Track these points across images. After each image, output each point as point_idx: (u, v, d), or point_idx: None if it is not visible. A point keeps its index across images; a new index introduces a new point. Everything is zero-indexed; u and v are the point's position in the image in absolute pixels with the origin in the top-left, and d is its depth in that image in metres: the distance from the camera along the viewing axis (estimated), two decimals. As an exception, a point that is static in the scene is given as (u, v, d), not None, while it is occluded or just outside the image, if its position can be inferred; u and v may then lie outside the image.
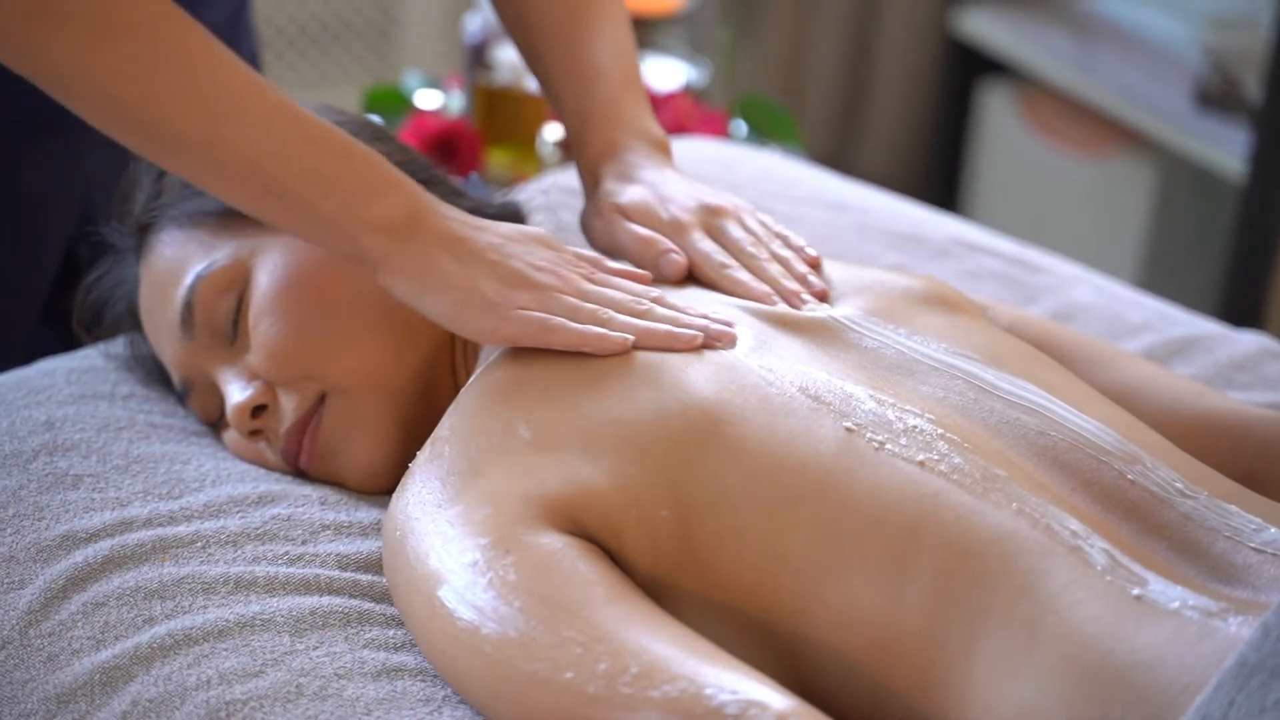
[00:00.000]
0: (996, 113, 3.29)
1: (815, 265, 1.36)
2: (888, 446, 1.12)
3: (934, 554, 1.07)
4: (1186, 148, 2.90)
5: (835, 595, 1.08)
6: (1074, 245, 3.14)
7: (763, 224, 1.39)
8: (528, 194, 1.66)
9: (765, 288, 1.30)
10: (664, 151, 1.43)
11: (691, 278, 1.34)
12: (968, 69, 3.37)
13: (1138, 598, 1.03)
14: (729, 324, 1.23)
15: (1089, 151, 3.11)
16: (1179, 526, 1.11)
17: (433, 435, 1.20)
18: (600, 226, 1.39)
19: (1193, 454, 1.25)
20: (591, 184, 1.43)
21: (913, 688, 1.06)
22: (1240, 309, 2.76)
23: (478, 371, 1.25)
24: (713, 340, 1.21)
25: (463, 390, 1.23)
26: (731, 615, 1.11)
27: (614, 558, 1.13)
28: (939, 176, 3.50)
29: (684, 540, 1.12)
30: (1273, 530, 1.11)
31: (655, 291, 1.26)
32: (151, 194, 1.39)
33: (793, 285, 1.30)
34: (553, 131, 2.27)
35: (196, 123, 1.18)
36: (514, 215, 1.48)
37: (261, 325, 1.32)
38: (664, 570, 1.12)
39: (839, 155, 3.68)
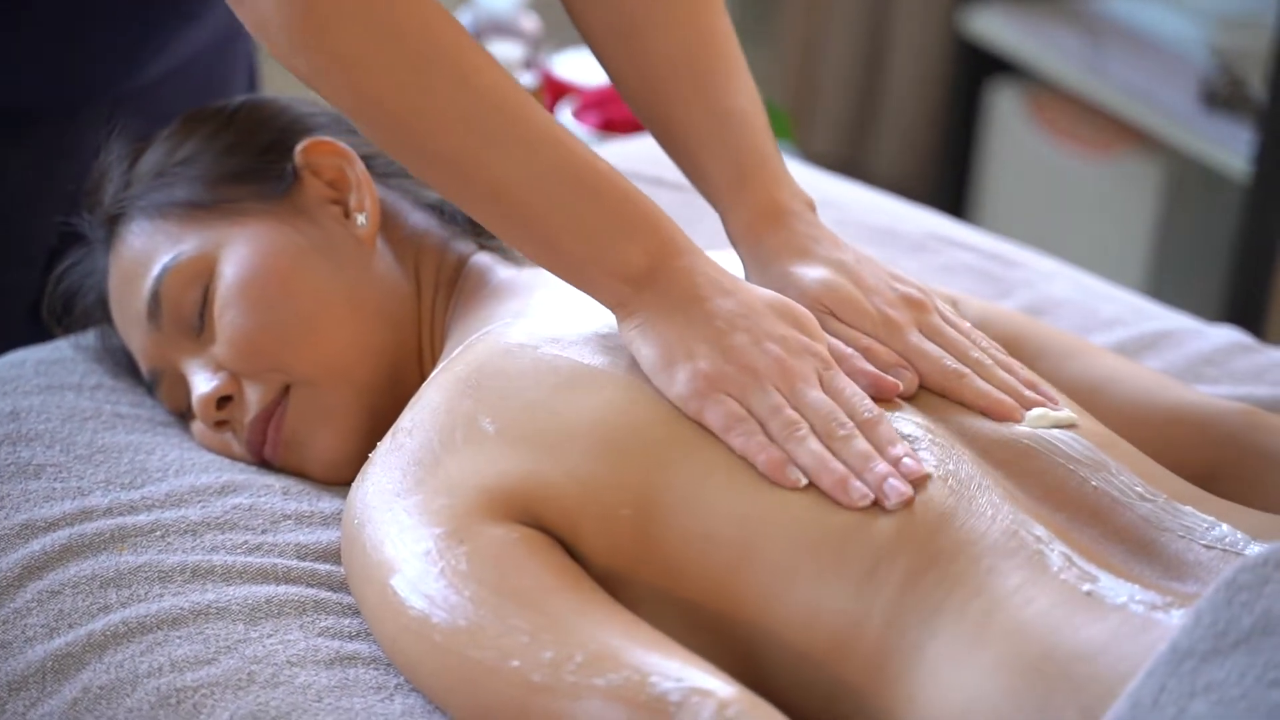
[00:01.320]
0: (1005, 113, 3.28)
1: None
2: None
3: (910, 557, 1.07)
4: (1193, 147, 2.89)
5: (804, 596, 1.09)
6: (1082, 244, 3.14)
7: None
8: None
9: (1008, 400, 1.20)
10: (814, 211, 1.31)
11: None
12: (977, 69, 3.36)
13: (1087, 593, 1.03)
14: (923, 475, 1.11)
15: (1097, 151, 3.10)
16: (1137, 529, 1.12)
17: (394, 426, 1.21)
18: None
19: (1158, 445, 1.26)
20: (752, 247, 1.28)
21: (867, 682, 1.07)
22: (1246, 307, 2.76)
23: (442, 363, 1.25)
24: (883, 498, 1.09)
25: (426, 381, 1.23)
26: (690, 610, 1.11)
27: (570, 550, 1.13)
28: (949, 177, 3.49)
29: (645, 538, 1.12)
30: (1224, 527, 1.11)
31: (874, 411, 1.14)
32: (120, 185, 1.40)
33: (1033, 396, 1.21)
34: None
35: (451, 136, 1.15)
36: None
37: (226, 317, 1.32)
38: (621, 564, 1.12)
39: (852, 158, 3.68)
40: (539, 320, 1.24)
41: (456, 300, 1.37)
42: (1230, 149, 2.82)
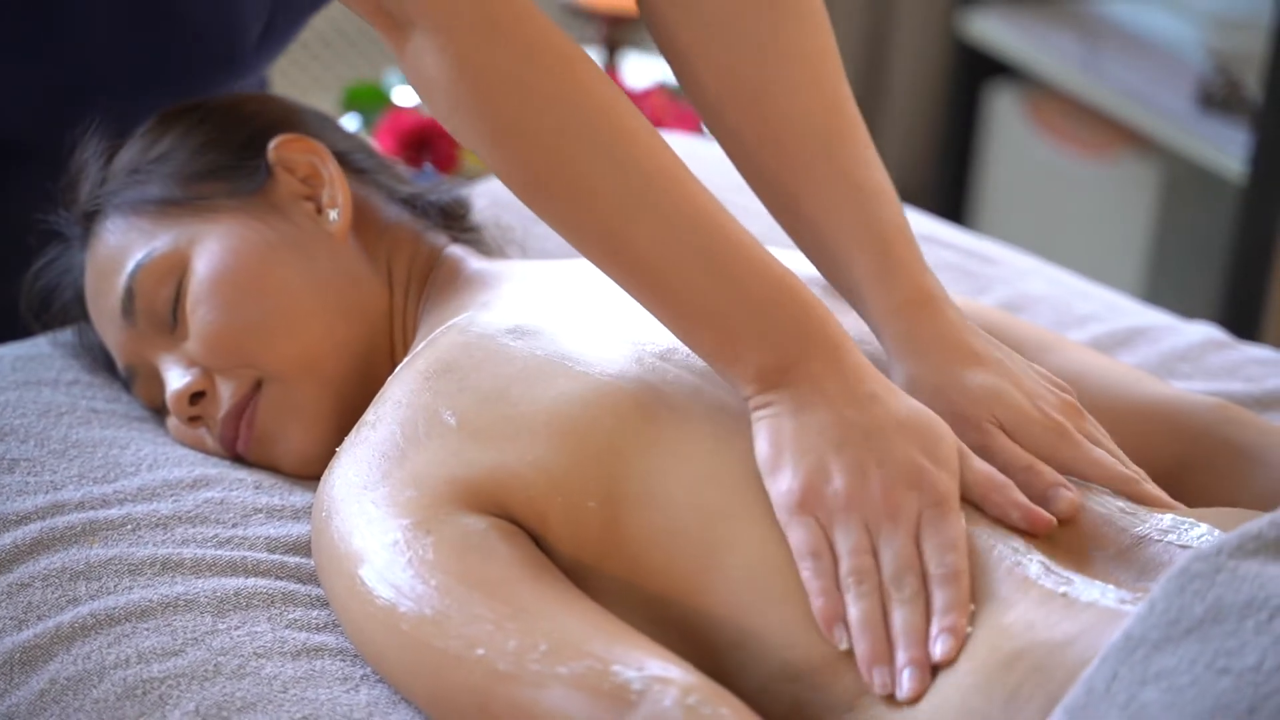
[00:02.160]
0: (1004, 115, 3.28)
1: None
2: None
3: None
4: (1190, 149, 2.89)
5: (778, 612, 1.09)
6: (1080, 245, 3.14)
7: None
8: (485, 189, 1.67)
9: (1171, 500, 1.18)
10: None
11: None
12: (976, 72, 3.36)
13: (1063, 595, 1.04)
14: (959, 645, 1.06)
15: (1094, 153, 3.10)
16: (1116, 537, 1.12)
17: (361, 420, 1.22)
18: (965, 431, 1.17)
19: (1131, 439, 1.26)
20: (901, 336, 1.21)
21: (843, 690, 1.07)
22: (1242, 307, 2.75)
23: (407, 357, 1.26)
24: (895, 686, 1.05)
25: (392, 375, 1.24)
26: (657, 605, 1.11)
27: (538, 541, 1.14)
28: (949, 179, 3.49)
29: (612, 531, 1.12)
30: (1203, 527, 1.11)
31: (952, 567, 1.07)
32: (96, 181, 1.40)
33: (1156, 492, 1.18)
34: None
35: (601, 208, 1.12)
36: (459, 203, 1.48)
37: (198, 313, 1.32)
38: (588, 556, 1.13)
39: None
40: (502, 312, 1.25)
41: (429, 294, 1.37)
42: (1227, 150, 2.82)
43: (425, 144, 2.20)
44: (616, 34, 2.47)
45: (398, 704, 1.12)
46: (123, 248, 1.36)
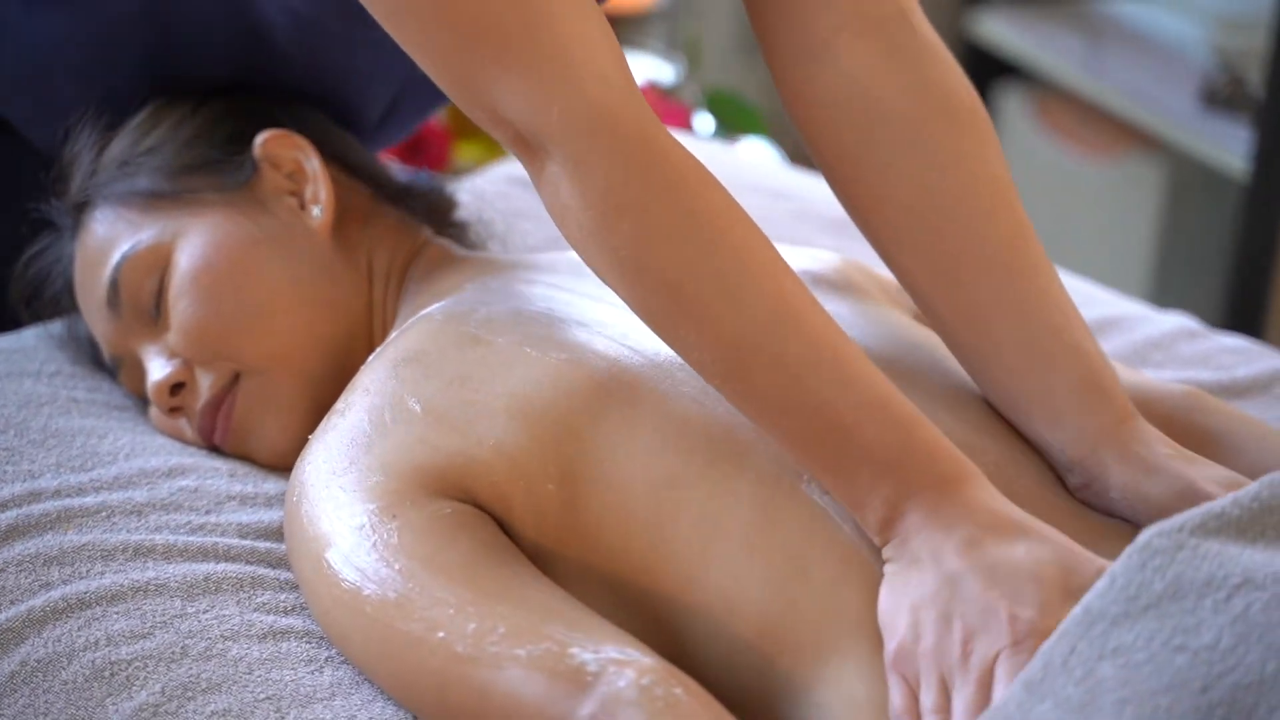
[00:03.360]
0: (1011, 115, 3.28)
1: None
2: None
3: (824, 559, 1.09)
4: (1194, 148, 2.89)
5: (721, 580, 1.10)
6: (1087, 245, 3.14)
7: None
8: (470, 185, 1.68)
9: None
10: None
11: None
12: (983, 72, 3.36)
13: None
14: None
15: (1100, 152, 3.10)
16: (1063, 515, 1.13)
17: (332, 408, 1.23)
18: None
19: None
20: (1128, 448, 1.18)
21: (798, 667, 1.08)
22: (1246, 305, 2.75)
23: (379, 347, 1.27)
24: None
25: (363, 365, 1.25)
26: (617, 588, 1.13)
27: (502, 526, 1.15)
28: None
29: (570, 514, 1.14)
30: None
31: None
32: (87, 172, 1.41)
33: None
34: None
35: (728, 347, 1.09)
36: (445, 199, 1.49)
37: (179, 306, 1.34)
38: (549, 541, 1.14)
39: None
40: (473, 303, 1.26)
41: (407, 286, 1.38)
42: (1231, 149, 2.81)
43: (418, 142, 2.21)
44: (616, 33, 2.46)
45: (361, 685, 1.13)
46: (110, 239, 1.38)
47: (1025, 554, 1.04)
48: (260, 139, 1.39)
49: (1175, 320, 1.61)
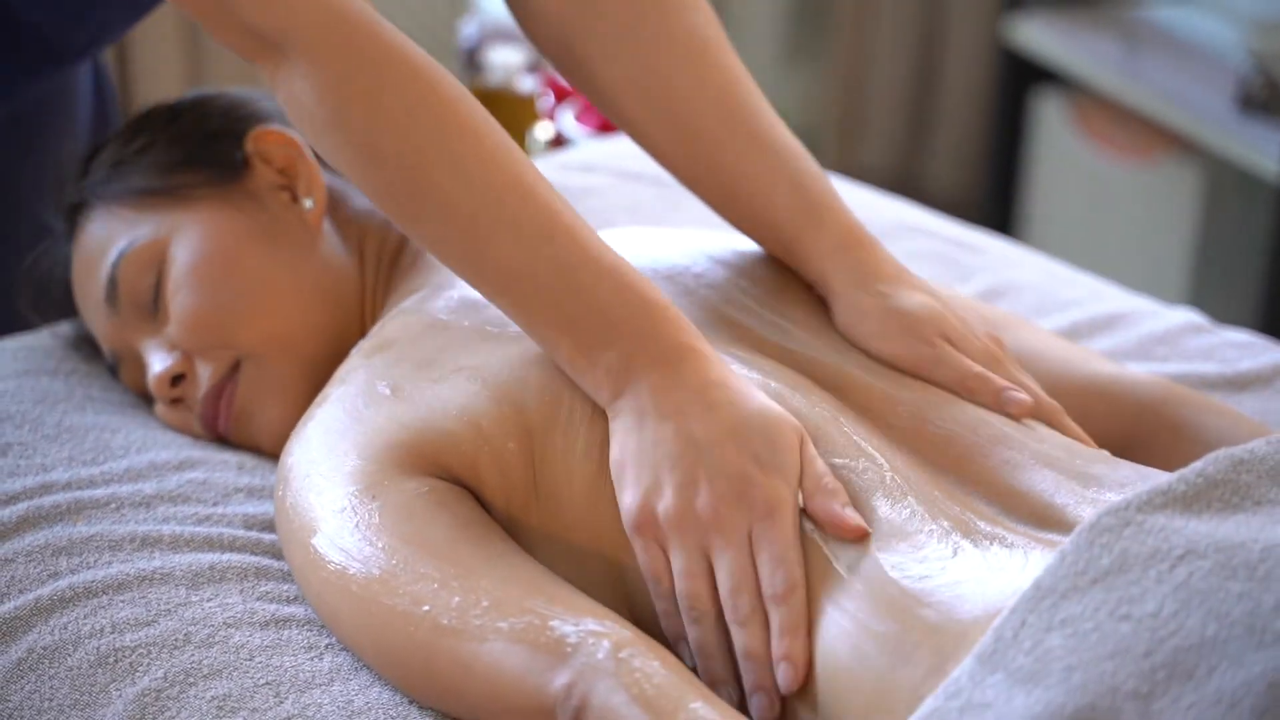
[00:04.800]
0: (1050, 121, 3.29)
1: None
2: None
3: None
4: (1231, 151, 2.89)
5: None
6: (1124, 249, 3.14)
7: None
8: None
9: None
10: None
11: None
12: (1022, 78, 3.37)
13: (955, 545, 1.07)
14: (805, 665, 1.06)
15: (1138, 157, 3.11)
16: (1035, 498, 1.14)
17: (316, 399, 1.28)
18: (917, 346, 1.25)
19: (1076, 416, 1.28)
20: (846, 266, 1.29)
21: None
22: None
23: (359, 343, 1.32)
24: (751, 709, 1.09)
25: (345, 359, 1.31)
26: (579, 552, 1.16)
27: (477, 498, 1.19)
28: (998, 186, 3.50)
29: (531, 471, 1.18)
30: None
31: (787, 582, 1.07)
32: (80, 174, 1.46)
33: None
34: (544, 131, 2.33)
35: (460, 223, 1.18)
36: None
37: (178, 298, 1.38)
38: (516, 507, 1.18)
39: (904, 169, 3.70)
40: (449, 291, 1.31)
41: (394, 277, 1.42)
42: (1267, 153, 2.81)
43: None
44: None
45: (359, 670, 1.16)
46: (106, 238, 1.42)
47: (761, 416, 1.12)
48: (251, 134, 1.43)
49: (1182, 315, 1.62)
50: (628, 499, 1.11)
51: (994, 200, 3.50)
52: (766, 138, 1.32)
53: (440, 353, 1.23)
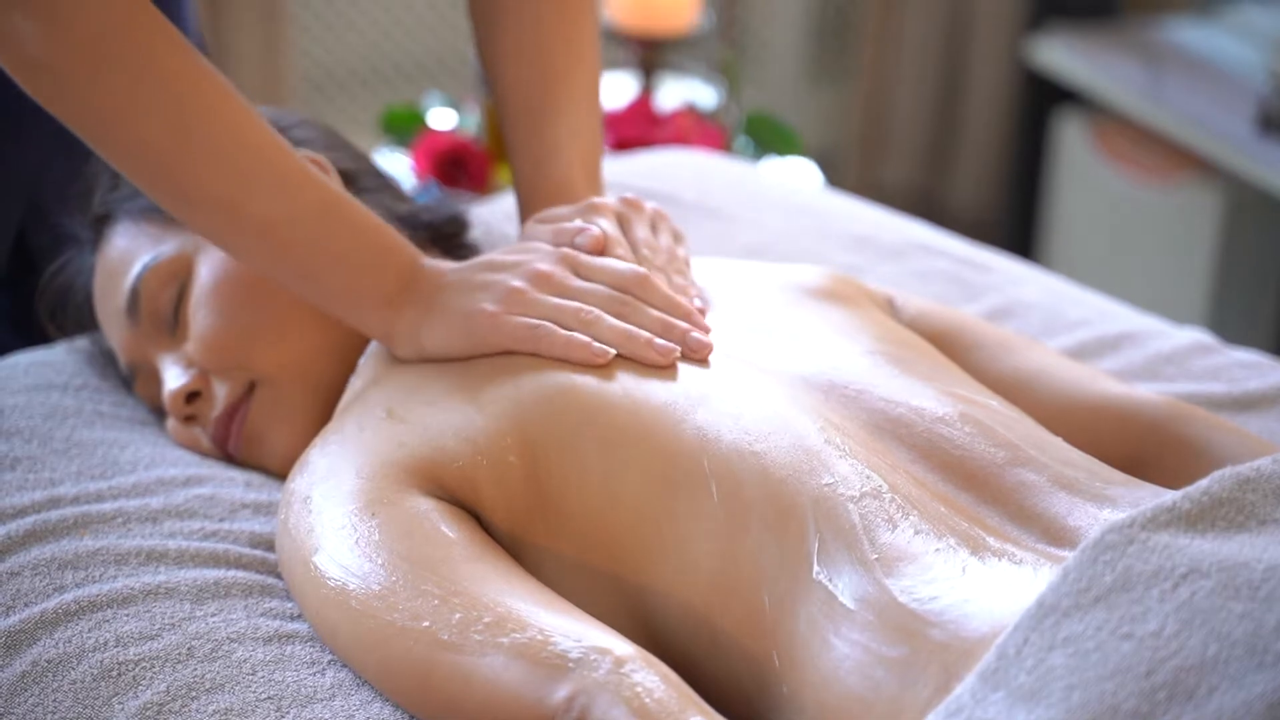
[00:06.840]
0: (1072, 142, 3.29)
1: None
2: (714, 399, 1.18)
3: (761, 509, 1.11)
4: (1252, 173, 2.88)
5: (673, 539, 1.13)
6: (1145, 271, 3.13)
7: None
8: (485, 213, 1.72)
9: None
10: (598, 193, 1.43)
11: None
12: (1044, 99, 3.37)
13: (963, 563, 1.06)
14: (707, 332, 1.25)
15: (1159, 178, 3.10)
16: (1049, 520, 1.13)
17: (325, 427, 1.29)
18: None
19: (1084, 437, 1.29)
20: (528, 191, 1.45)
21: (747, 634, 1.10)
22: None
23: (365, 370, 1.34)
24: (690, 352, 1.23)
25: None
26: (583, 569, 1.16)
27: (476, 517, 1.19)
28: (1020, 205, 3.50)
29: (533, 485, 1.18)
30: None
31: (638, 271, 1.28)
32: (108, 187, 1.46)
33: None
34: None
35: (215, 178, 1.23)
36: (454, 222, 1.52)
37: (198, 316, 1.38)
38: (519, 525, 1.18)
39: (927, 188, 3.69)
40: None
41: None
42: (1287, 173, 2.81)
43: (459, 163, 2.25)
44: (651, 57, 2.51)
45: (361, 686, 1.16)
46: (131, 250, 1.43)
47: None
48: None
49: (1190, 335, 1.62)
50: (479, 327, 1.25)
51: (1015, 220, 3.50)
52: (540, 131, 1.43)
53: (436, 378, 1.25)
